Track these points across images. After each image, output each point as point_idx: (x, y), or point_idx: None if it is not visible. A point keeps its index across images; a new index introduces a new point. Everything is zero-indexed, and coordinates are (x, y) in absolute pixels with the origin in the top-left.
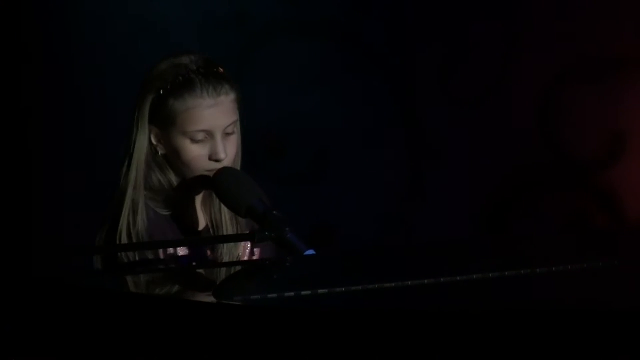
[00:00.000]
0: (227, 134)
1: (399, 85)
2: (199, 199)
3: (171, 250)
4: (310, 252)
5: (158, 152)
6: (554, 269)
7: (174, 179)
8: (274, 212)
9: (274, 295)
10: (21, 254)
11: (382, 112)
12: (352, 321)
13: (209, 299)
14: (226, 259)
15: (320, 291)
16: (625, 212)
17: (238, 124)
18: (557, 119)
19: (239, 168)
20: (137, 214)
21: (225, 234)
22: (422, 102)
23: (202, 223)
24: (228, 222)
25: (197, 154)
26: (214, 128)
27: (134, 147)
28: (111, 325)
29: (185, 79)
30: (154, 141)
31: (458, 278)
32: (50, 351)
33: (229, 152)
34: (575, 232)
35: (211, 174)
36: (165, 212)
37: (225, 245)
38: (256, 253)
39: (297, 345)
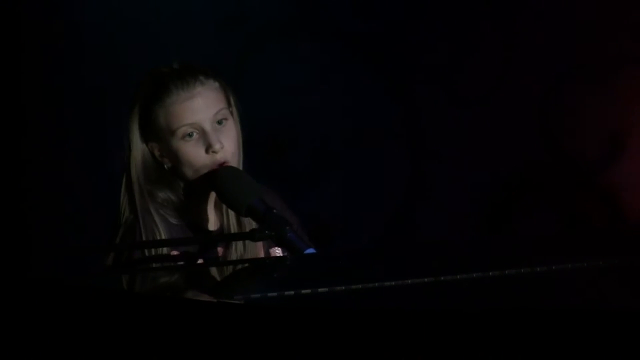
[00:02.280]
0: (218, 123)
1: (399, 85)
2: (211, 201)
3: (175, 252)
4: (311, 250)
5: (164, 166)
6: (553, 267)
7: (182, 189)
8: (274, 211)
9: (274, 294)
10: (20, 254)
11: (383, 111)
12: (352, 320)
13: (208, 297)
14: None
15: (320, 290)
16: (625, 211)
17: (233, 111)
18: (558, 119)
19: (241, 159)
20: (156, 224)
21: (236, 231)
22: (422, 101)
23: (216, 225)
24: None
25: (193, 151)
26: (199, 120)
27: (129, 165)
28: (110, 324)
29: (161, 84)
30: (158, 157)
31: (458, 277)
32: (50, 351)
33: (224, 142)
34: (575, 232)
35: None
36: (176, 221)
37: (236, 244)
38: (271, 253)
39: (297, 343)
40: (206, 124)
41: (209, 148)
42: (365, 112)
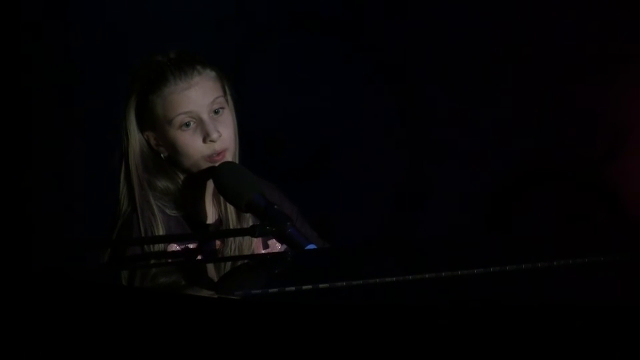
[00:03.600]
0: (215, 112)
1: (400, 83)
2: (208, 193)
3: (175, 246)
4: (312, 246)
5: (161, 155)
6: (555, 263)
7: (180, 180)
8: (275, 207)
9: (275, 290)
10: (21, 248)
11: (383, 108)
12: (353, 315)
13: (209, 293)
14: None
15: (321, 285)
16: (626, 207)
17: (229, 100)
18: (559, 116)
19: (237, 148)
20: (154, 215)
21: (234, 224)
22: (423, 101)
23: (214, 216)
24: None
25: (190, 141)
26: (197, 108)
27: (127, 155)
28: (111, 319)
29: (158, 73)
30: (154, 146)
31: (459, 272)
32: (50, 349)
33: (222, 131)
34: (577, 228)
35: (214, 162)
36: (174, 213)
37: (234, 238)
38: (270, 246)
39: (297, 339)
40: (203, 113)
41: (206, 137)
42: (366, 109)
